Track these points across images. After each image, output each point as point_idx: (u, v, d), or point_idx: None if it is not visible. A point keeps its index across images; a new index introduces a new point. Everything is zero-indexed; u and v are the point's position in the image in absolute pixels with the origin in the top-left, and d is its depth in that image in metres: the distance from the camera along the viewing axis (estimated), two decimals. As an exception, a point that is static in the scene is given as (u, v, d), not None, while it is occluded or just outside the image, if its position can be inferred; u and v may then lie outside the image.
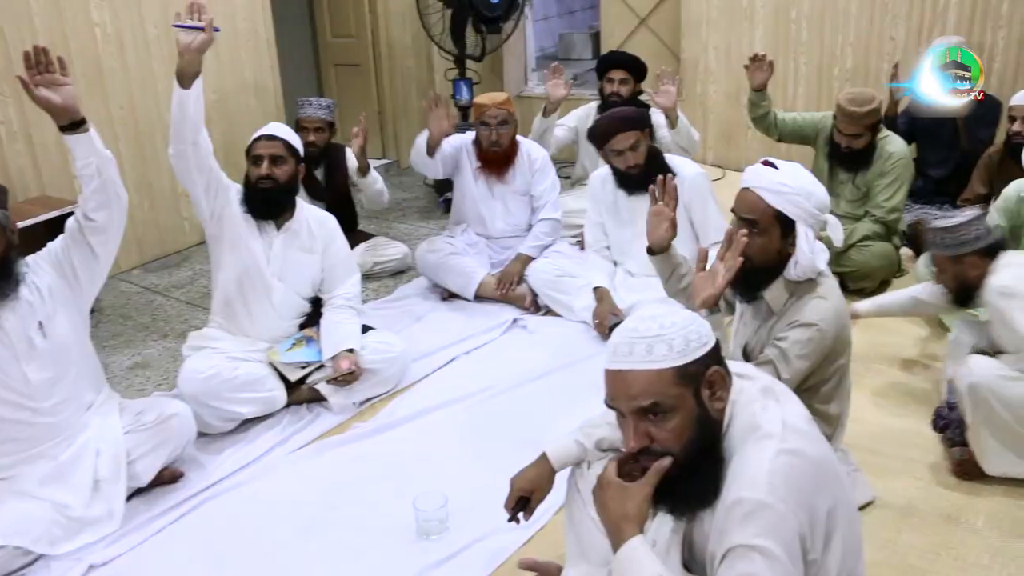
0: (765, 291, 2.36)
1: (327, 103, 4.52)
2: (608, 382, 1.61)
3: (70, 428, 2.75)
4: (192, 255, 5.26)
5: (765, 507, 1.46)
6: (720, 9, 5.93)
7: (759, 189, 2.26)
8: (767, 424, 1.57)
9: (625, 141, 3.55)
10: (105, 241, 2.74)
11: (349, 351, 3.29)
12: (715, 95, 6.14)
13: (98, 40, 4.76)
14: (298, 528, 2.71)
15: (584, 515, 2.04)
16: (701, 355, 1.57)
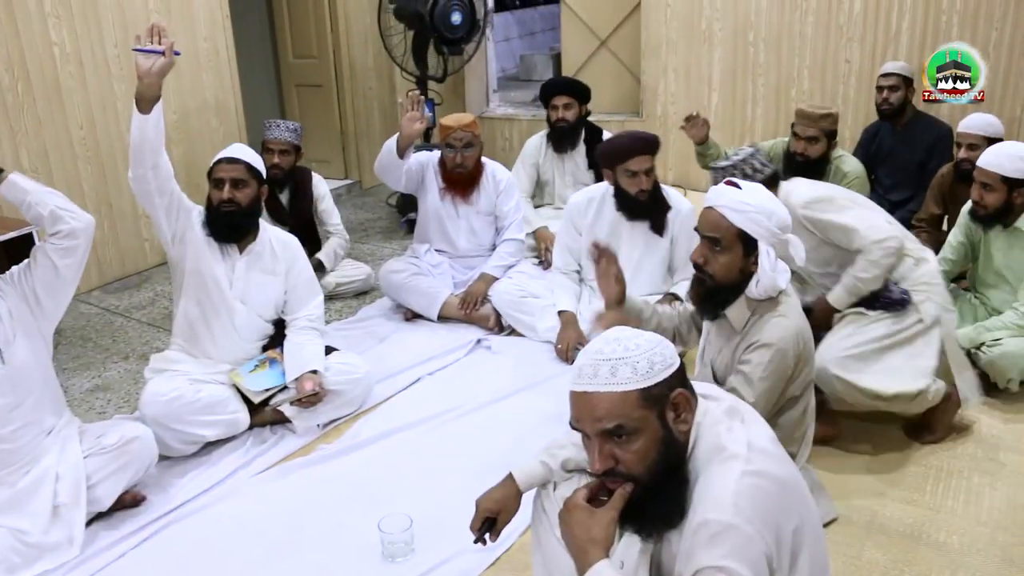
0: (727, 309, 2.39)
1: (294, 126, 4.52)
2: (573, 404, 1.61)
3: (29, 454, 2.71)
4: (153, 276, 5.21)
5: (731, 528, 1.47)
6: (679, 31, 6.02)
7: (722, 208, 2.29)
8: (732, 445, 1.58)
9: (642, 164, 3.54)
10: (72, 264, 2.72)
11: (313, 372, 3.27)
12: (675, 116, 6.20)
13: (56, 59, 4.72)
14: (263, 551, 2.69)
15: (550, 536, 2.04)
16: (665, 377, 1.58)
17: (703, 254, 2.34)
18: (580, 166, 5.01)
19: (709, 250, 2.33)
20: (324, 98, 6.75)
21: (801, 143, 4.04)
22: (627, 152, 3.57)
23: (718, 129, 6.00)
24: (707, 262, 2.33)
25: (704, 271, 2.35)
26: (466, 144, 4.16)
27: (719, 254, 2.31)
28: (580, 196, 3.91)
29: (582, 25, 6.82)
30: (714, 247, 2.31)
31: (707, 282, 2.35)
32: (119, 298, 4.91)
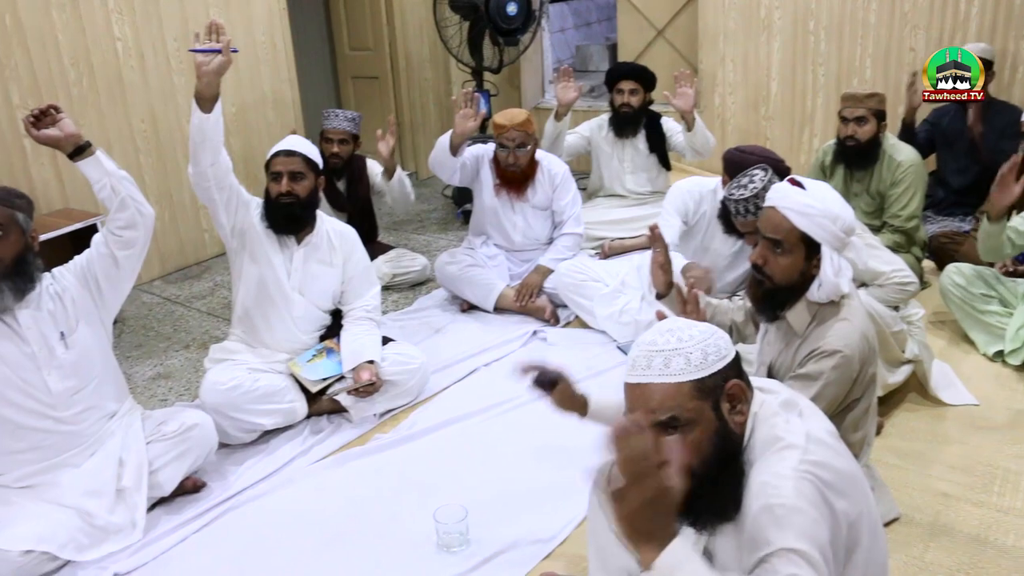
0: (787, 312, 2.34)
1: (352, 116, 4.55)
2: (627, 395, 1.61)
3: (93, 437, 2.78)
4: (213, 266, 5.30)
5: (797, 511, 1.45)
6: (737, 20, 5.93)
7: (785, 209, 2.21)
8: (789, 436, 1.56)
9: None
10: (131, 255, 2.79)
11: (369, 363, 3.29)
12: (733, 106, 6.13)
13: (119, 54, 4.81)
14: (319, 539, 2.71)
15: (606, 530, 2.03)
16: (720, 368, 1.56)
17: (763, 255, 2.27)
18: (641, 151, 4.98)
19: (770, 251, 2.26)
20: (380, 90, 6.78)
21: (850, 126, 3.93)
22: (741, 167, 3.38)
23: (776, 120, 5.92)
24: (767, 263, 2.26)
25: (763, 272, 2.28)
26: (519, 144, 4.12)
27: (780, 256, 2.24)
28: (691, 185, 3.79)
29: (638, 15, 6.76)
30: (775, 249, 2.24)
31: (766, 283, 2.29)
32: (180, 288, 4.99)
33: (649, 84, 4.90)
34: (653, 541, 1.39)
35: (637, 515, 1.38)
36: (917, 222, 4.02)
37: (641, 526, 1.39)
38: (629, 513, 1.38)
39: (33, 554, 2.54)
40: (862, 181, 4.06)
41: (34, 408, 2.65)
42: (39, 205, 4.37)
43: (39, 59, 4.46)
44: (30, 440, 2.67)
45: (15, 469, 2.67)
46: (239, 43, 3.03)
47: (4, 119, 4.36)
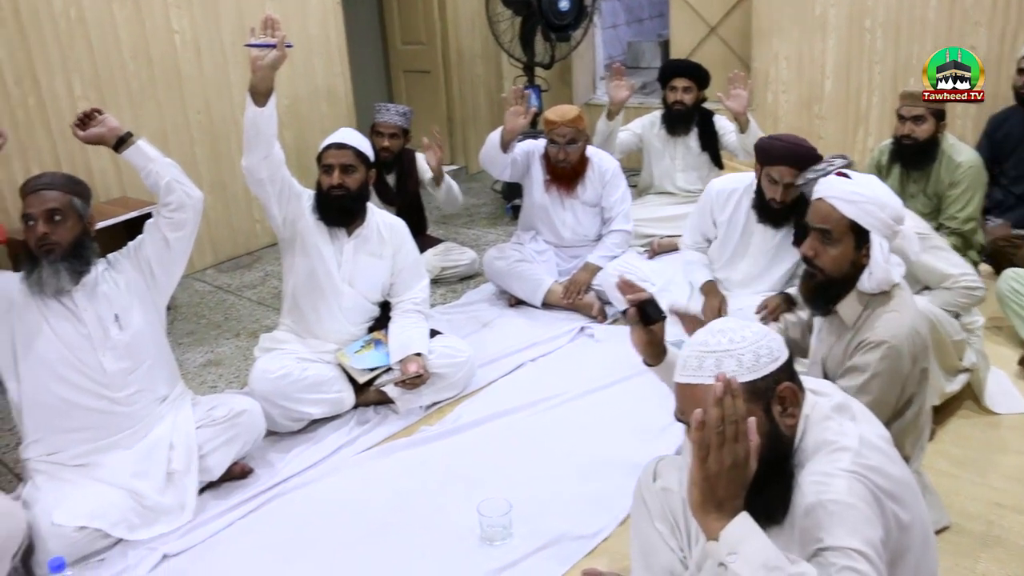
0: (838, 304, 2.32)
1: (404, 110, 4.57)
2: (678, 395, 1.60)
3: (145, 419, 2.85)
4: (264, 256, 5.37)
5: (851, 508, 1.44)
6: (792, 18, 5.86)
7: (832, 199, 2.22)
8: (842, 439, 1.55)
9: (785, 174, 3.37)
10: (182, 237, 2.86)
11: (417, 355, 3.31)
12: (785, 104, 6.06)
13: (177, 47, 4.89)
14: (364, 528, 2.74)
15: (650, 527, 2.02)
16: (772, 371, 1.55)
17: (813, 247, 2.27)
18: (692, 149, 4.95)
19: (819, 242, 2.25)
20: (431, 84, 6.81)
21: (907, 124, 3.84)
22: (775, 157, 3.40)
23: (830, 119, 5.85)
24: (817, 255, 2.26)
25: (814, 264, 2.27)
26: (569, 140, 4.11)
27: (829, 246, 2.23)
28: (725, 183, 3.78)
29: (691, 11, 6.71)
30: (824, 239, 2.23)
31: (817, 276, 2.28)
32: (231, 277, 5.06)
33: (702, 82, 4.86)
34: (723, 511, 1.43)
35: (716, 479, 1.42)
36: (975, 224, 3.94)
37: (717, 492, 1.43)
38: (710, 476, 1.43)
39: (87, 531, 2.61)
40: (919, 182, 3.98)
41: (89, 388, 2.73)
42: (97, 193, 4.46)
43: (100, 52, 4.55)
44: (85, 420, 2.75)
45: (71, 447, 2.75)
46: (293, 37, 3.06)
47: (67, 110, 4.45)
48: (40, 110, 4.37)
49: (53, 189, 2.64)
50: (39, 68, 4.33)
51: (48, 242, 2.62)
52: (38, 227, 2.61)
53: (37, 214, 2.61)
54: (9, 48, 4.21)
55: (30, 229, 2.63)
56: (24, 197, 2.64)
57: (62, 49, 4.41)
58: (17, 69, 4.26)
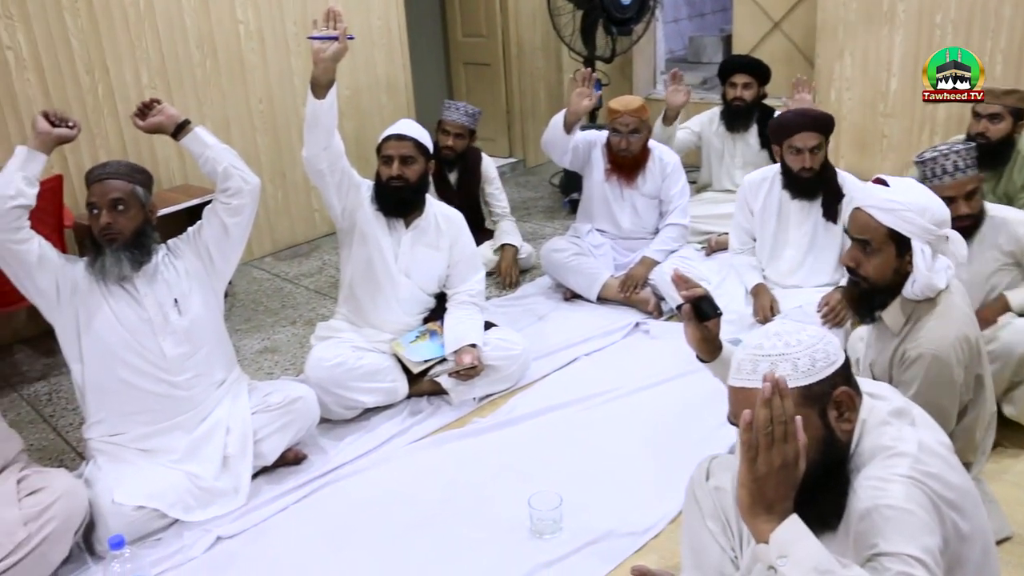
0: (883, 312, 2.27)
1: (472, 111, 4.58)
2: (731, 399, 1.59)
3: (203, 403, 2.90)
4: (321, 245, 5.42)
5: (908, 513, 1.41)
6: (858, 12, 5.74)
7: (869, 208, 2.17)
8: (900, 445, 1.52)
9: (808, 140, 3.44)
10: (239, 223, 2.89)
11: (472, 346, 3.32)
12: (849, 102, 5.94)
13: (241, 37, 4.95)
14: (414, 517, 2.75)
15: (702, 527, 2.01)
16: (827, 375, 1.53)
17: (854, 257, 2.23)
18: (752, 146, 4.89)
19: (860, 252, 2.21)
20: (491, 77, 6.81)
21: (982, 122, 3.73)
22: (793, 127, 3.47)
23: (895, 117, 5.73)
24: (859, 265, 2.23)
25: (857, 274, 2.24)
26: (632, 130, 4.10)
27: (871, 256, 2.19)
28: (755, 175, 3.81)
29: (755, 6, 6.62)
30: (865, 249, 2.20)
31: (861, 285, 2.25)
32: (289, 265, 5.12)
33: (763, 78, 4.80)
34: (772, 513, 1.41)
35: (765, 480, 1.41)
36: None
37: (767, 493, 1.41)
38: (759, 477, 1.41)
39: (145, 510, 2.67)
40: (989, 182, 3.88)
41: (150, 372, 2.78)
42: (160, 181, 4.54)
43: (167, 41, 4.64)
44: (145, 403, 2.80)
45: (131, 429, 2.80)
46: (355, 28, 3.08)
47: (134, 98, 4.53)
48: (108, 98, 4.46)
49: (117, 178, 2.69)
50: (109, 57, 4.43)
51: (111, 231, 2.68)
52: (102, 216, 2.66)
53: (101, 203, 2.66)
54: (81, 37, 4.31)
55: (94, 217, 2.69)
56: (89, 186, 2.70)
57: (131, 39, 4.49)
58: (88, 58, 4.35)
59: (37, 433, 3.43)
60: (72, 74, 4.31)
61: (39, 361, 4.07)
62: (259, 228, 2.88)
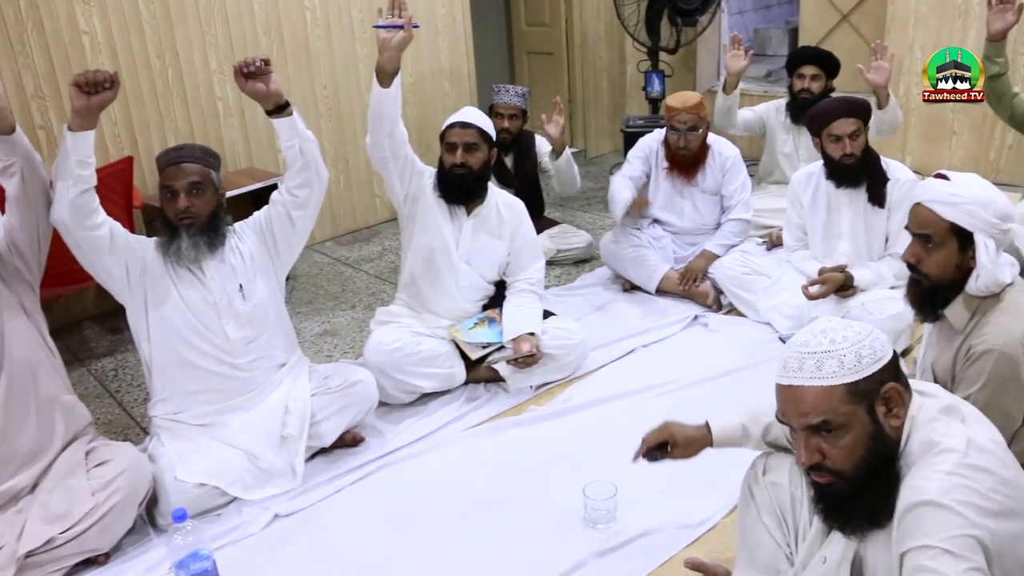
0: (946, 309, 2.22)
1: (522, 91, 4.57)
2: (778, 397, 1.59)
3: (263, 384, 2.94)
4: (382, 231, 5.47)
5: (940, 508, 1.40)
6: (931, 5, 5.61)
7: (931, 203, 2.12)
8: (948, 441, 1.50)
9: (846, 127, 3.40)
10: (305, 215, 2.92)
11: (530, 334, 3.32)
12: (919, 96, 5.81)
13: (307, 24, 5.01)
14: (469, 503, 2.77)
15: (757, 522, 1.99)
16: (875, 371, 1.52)
17: (915, 253, 2.17)
18: None
19: (922, 248, 2.16)
20: (554, 66, 6.80)
21: None
22: (830, 115, 3.44)
23: (966, 112, 5.59)
24: (920, 261, 2.17)
25: (918, 271, 2.18)
26: (690, 127, 4.05)
27: (932, 252, 2.13)
28: (801, 172, 3.79)
29: (823, -2, 6.51)
30: (926, 245, 2.14)
31: (923, 282, 2.19)
32: (350, 250, 5.18)
33: (831, 70, 4.71)
34: None
35: None
36: None
37: None
38: None
39: (206, 488, 2.73)
40: None
41: (213, 353, 2.83)
42: (226, 163, 4.62)
43: (236, 27, 4.71)
44: (208, 383, 2.86)
45: (193, 408, 2.86)
46: (420, 16, 3.10)
47: (202, 81, 4.62)
48: (178, 82, 4.55)
49: (193, 162, 2.72)
50: (179, 42, 4.51)
51: (189, 214, 2.72)
52: (180, 200, 2.70)
53: (179, 187, 2.70)
54: (154, 23, 4.39)
55: (170, 200, 2.71)
56: (163, 168, 2.72)
57: (201, 24, 4.57)
58: (159, 43, 4.44)
59: (103, 407, 3.52)
60: (144, 58, 4.40)
61: (106, 338, 4.18)
62: (321, 212, 2.90)
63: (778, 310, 3.74)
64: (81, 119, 2.50)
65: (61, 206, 2.52)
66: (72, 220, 2.53)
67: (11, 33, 3.98)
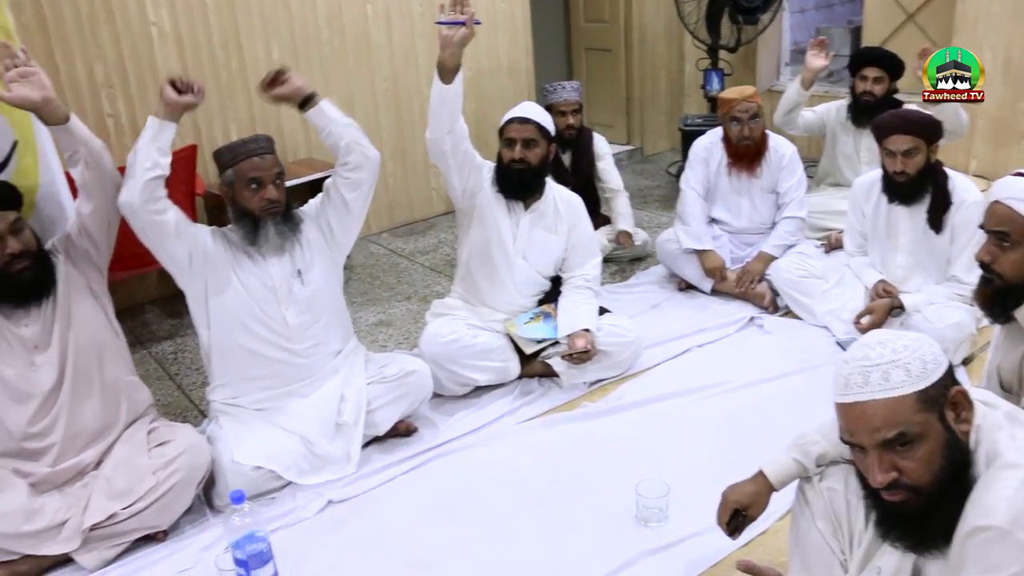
0: (1017, 311, 2.17)
1: (576, 84, 4.56)
2: (844, 416, 1.53)
3: (320, 371, 2.98)
4: (438, 223, 5.50)
5: (1007, 536, 1.36)
6: (1003, 4, 5.47)
7: (1010, 200, 2.06)
8: (1010, 454, 1.46)
9: (900, 143, 3.32)
10: (358, 197, 2.95)
11: (585, 330, 3.31)
12: (988, 99, 5.68)
13: (368, 17, 5.05)
14: (520, 496, 2.78)
15: (811, 527, 1.96)
16: (940, 376, 1.48)
17: (990, 251, 2.12)
18: None
19: (997, 246, 2.10)
20: (612, 63, 6.77)
21: None
22: (887, 129, 3.36)
23: (1037, 117, 5.46)
24: (995, 260, 2.11)
25: (991, 270, 2.12)
26: (752, 115, 4.04)
27: (1008, 251, 2.08)
28: (865, 178, 3.71)
29: (889, -3, 6.40)
30: (1003, 243, 2.08)
31: (995, 282, 2.13)
32: (405, 242, 5.22)
33: (896, 72, 4.63)
34: None
35: None
36: None
37: None
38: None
39: (262, 471, 2.78)
40: None
41: (272, 339, 2.88)
42: (285, 153, 4.69)
43: (298, 19, 4.77)
44: (266, 368, 2.91)
45: (251, 394, 2.91)
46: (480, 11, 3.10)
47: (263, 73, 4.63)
48: (240, 73, 4.62)
49: (271, 153, 2.79)
50: (242, 33, 4.58)
51: (277, 205, 2.78)
52: (267, 190, 2.75)
53: (266, 178, 2.75)
54: (219, 14, 4.47)
55: (255, 191, 2.75)
56: (240, 161, 2.75)
57: (264, 16, 4.63)
58: (224, 34, 4.51)
59: (163, 389, 3.59)
60: (208, 48, 4.48)
61: (166, 321, 4.27)
62: (378, 204, 2.94)
63: (835, 314, 3.70)
64: (169, 111, 2.60)
65: (132, 190, 2.57)
66: (140, 204, 2.58)
67: (85, 26, 4.08)
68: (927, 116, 3.37)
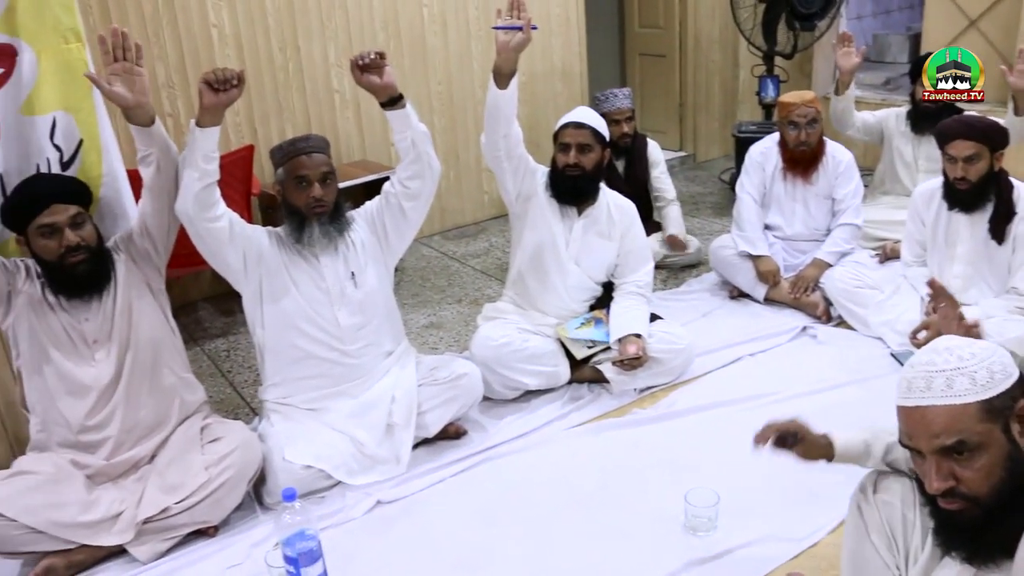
0: None
1: (628, 91, 4.54)
2: (904, 420, 1.51)
3: (371, 372, 3.00)
4: (489, 227, 5.52)
5: None
6: (1071, 12, 5.36)
7: None
8: None
9: (962, 149, 3.24)
10: (416, 206, 2.97)
11: (637, 336, 3.29)
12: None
13: (424, 20, 5.08)
14: (568, 501, 2.77)
15: (864, 540, 1.94)
16: (1007, 387, 1.45)
17: None
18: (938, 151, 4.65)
19: None
20: (666, 68, 6.74)
21: None
22: (949, 133, 3.27)
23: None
24: None
25: None
26: (810, 120, 4.00)
27: None
28: (926, 186, 3.64)
29: (949, 2, 6.27)
30: None
31: None
32: (457, 245, 5.24)
33: None
34: None
35: None
36: None
37: None
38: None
39: (312, 470, 2.80)
40: None
41: (324, 340, 2.91)
42: (340, 155, 4.74)
43: (355, 21, 4.81)
44: (317, 368, 2.93)
45: (302, 393, 2.94)
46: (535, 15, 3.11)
47: (320, 75, 4.74)
48: (297, 74, 4.67)
49: (321, 152, 2.82)
50: (300, 35, 4.64)
51: (323, 204, 2.80)
52: (314, 189, 2.78)
53: (313, 176, 2.78)
54: (278, 16, 4.53)
55: (303, 189, 2.78)
56: (290, 159, 2.79)
57: (322, 18, 4.69)
58: (282, 36, 4.57)
59: (216, 386, 3.64)
60: (267, 51, 4.54)
61: (219, 319, 4.33)
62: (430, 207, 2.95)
63: (890, 326, 3.63)
64: (209, 115, 2.59)
65: (186, 199, 2.61)
66: (195, 212, 2.62)
67: (148, 27, 4.16)
68: (992, 122, 3.28)
